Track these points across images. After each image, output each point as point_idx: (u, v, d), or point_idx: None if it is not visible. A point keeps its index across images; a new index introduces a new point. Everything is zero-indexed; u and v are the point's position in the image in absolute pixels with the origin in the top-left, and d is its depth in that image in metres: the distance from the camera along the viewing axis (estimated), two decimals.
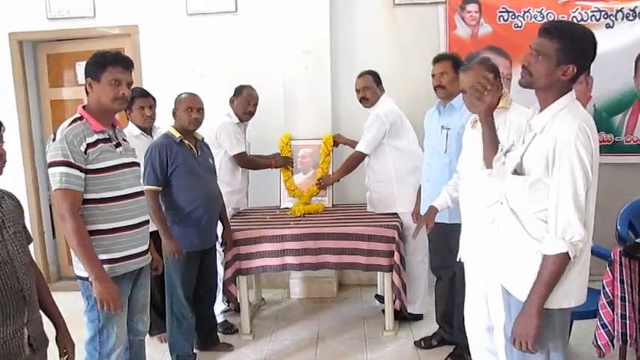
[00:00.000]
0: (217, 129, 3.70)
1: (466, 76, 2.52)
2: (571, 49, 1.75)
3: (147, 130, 3.52)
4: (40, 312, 1.83)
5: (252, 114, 3.86)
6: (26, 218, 1.90)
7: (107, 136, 2.32)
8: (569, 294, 1.82)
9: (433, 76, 3.14)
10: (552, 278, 1.75)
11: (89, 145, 2.22)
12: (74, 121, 2.27)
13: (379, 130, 3.57)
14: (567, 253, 1.72)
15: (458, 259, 2.70)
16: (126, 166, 2.35)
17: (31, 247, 1.85)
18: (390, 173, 3.63)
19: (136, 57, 4.40)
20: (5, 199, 1.76)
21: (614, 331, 2.51)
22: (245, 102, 3.80)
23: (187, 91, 3.25)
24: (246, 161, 3.85)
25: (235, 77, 4.06)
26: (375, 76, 3.68)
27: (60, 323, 1.96)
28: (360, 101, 3.70)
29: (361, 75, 3.70)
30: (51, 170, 2.20)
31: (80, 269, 2.26)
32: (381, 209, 3.73)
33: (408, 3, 4.28)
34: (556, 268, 1.74)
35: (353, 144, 3.87)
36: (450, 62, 3.10)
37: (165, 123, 3.36)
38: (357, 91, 3.70)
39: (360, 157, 3.73)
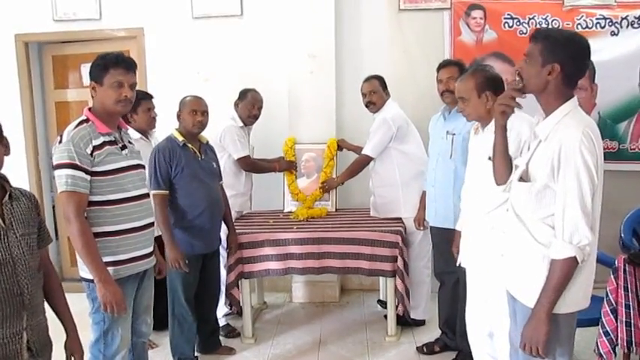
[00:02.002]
0: (221, 132, 3.70)
1: (461, 84, 2.58)
2: (552, 49, 1.78)
3: (145, 133, 3.49)
4: (45, 317, 1.81)
5: (256, 118, 3.86)
6: None
7: (113, 139, 2.33)
8: (577, 298, 1.83)
9: (440, 81, 3.15)
10: (561, 283, 1.76)
11: (95, 148, 2.23)
12: (80, 123, 2.28)
13: (386, 134, 3.57)
14: (575, 258, 1.73)
15: (457, 264, 2.71)
16: (131, 168, 2.36)
17: None
18: (395, 178, 3.62)
19: (142, 60, 4.41)
20: (20, 200, 1.75)
21: (616, 339, 2.50)
22: (250, 105, 3.80)
23: (192, 94, 3.25)
24: (250, 165, 3.84)
25: (240, 81, 4.06)
26: (381, 80, 3.68)
27: (71, 329, 1.95)
28: (367, 105, 3.70)
29: (368, 79, 3.71)
30: (57, 172, 2.21)
31: (85, 271, 2.27)
32: (385, 214, 3.73)
33: (413, 9, 4.29)
34: (564, 272, 1.75)
35: (357, 150, 3.87)
36: (457, 67, 3.13)
37: (167, 126, 3.36)
38: (364, 95, 3.70)
39: (365, 161, 3.72)
